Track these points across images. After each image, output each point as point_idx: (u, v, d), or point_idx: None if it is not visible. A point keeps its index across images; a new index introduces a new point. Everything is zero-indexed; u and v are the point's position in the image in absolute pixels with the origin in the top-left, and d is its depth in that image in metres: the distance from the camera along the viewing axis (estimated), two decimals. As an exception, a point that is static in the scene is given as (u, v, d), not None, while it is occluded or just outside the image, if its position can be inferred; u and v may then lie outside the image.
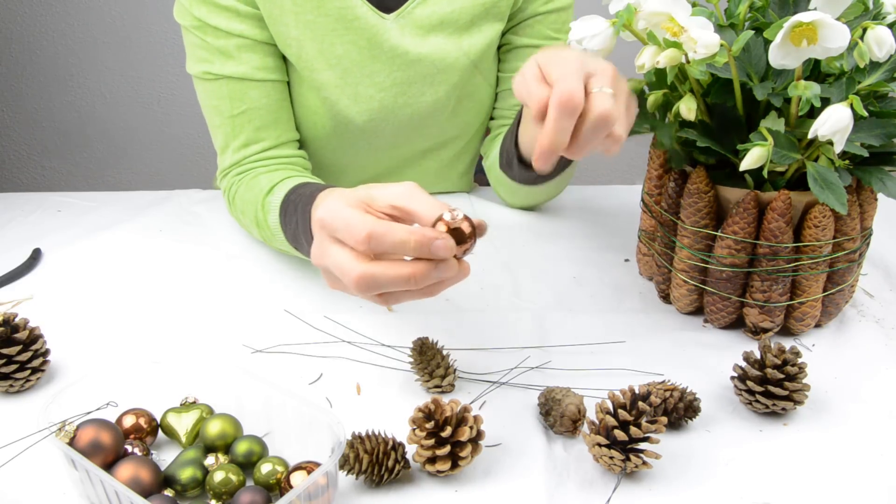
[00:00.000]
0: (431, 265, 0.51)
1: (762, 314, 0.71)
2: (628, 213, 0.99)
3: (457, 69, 0.94)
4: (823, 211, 0.66)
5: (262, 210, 0.82)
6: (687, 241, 0.72)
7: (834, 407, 0.65)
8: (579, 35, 0.65)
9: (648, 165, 0.79)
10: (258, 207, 0.83)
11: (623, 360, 0.70)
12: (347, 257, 0.52)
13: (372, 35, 0.89)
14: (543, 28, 0.95)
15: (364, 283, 0.51)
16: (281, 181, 0.82)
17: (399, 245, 0.50)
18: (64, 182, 2.23)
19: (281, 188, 0.80)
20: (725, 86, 0.67)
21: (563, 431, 0.60)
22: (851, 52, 0.60)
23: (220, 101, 0.89)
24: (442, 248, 0.50)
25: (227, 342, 0.73)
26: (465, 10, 0.91)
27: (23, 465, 0.58)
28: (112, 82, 2.12)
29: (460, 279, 0.53)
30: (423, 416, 0.56)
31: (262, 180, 0.85)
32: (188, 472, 0.55)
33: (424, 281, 0.51)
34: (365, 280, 0.51)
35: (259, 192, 0.83)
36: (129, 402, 0.61)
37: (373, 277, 0.51)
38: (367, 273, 0.51)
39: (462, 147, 1.07)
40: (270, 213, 0.80)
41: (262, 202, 0.82)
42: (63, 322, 0.76)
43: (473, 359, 0.71)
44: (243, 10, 0.86)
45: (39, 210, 1.05)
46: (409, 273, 0.50)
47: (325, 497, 0.52)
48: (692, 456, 0.59)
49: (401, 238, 0.50)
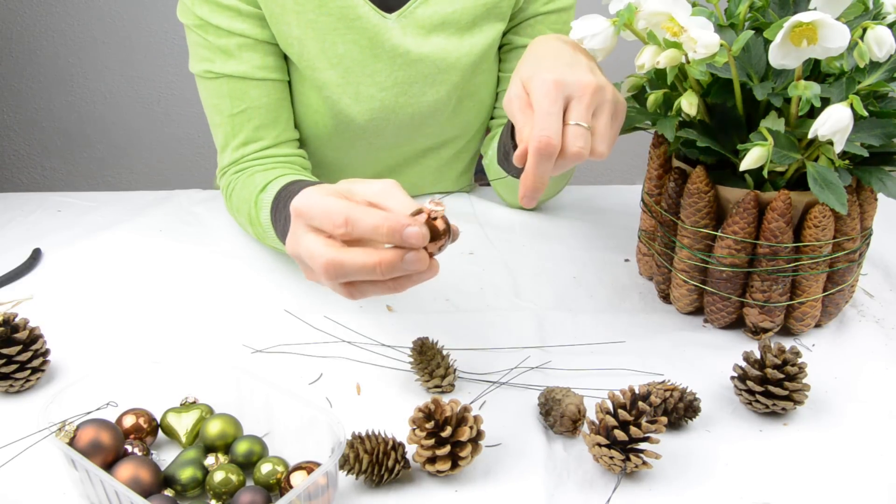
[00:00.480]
0: (399, 255, 0.51)
1: (762, 314, 0.71)
2: (628, 213, 0.99)
3: (458, 69, 0.94)
4: (823, 211, 0.66)
5: (255, 207, 0.82)
6: (687, 241, 0.72)
7: (834, 407, 0.65)
8: (580, 34, 0.65)
9: (648, 165, 0.79)
10: (251, 205, 0.83)
11: (623, 360, 0.70)
12: (319, 243, 0.53)
13: (373, 35, 0.89)
14: (544, 28, 0.95)
15: (332, 269, 0.52)
16: (275, 179, 0.83)
17: (373, 229, 0.50)
18: (64, 182, 2.23)
19: (274, 186, 0.81)
20: (725, 86, 0.67)
21: (563, 431, 0.60)
22: (851, 52, 0.60)
23: (220, 100, 0.89)
24: (414, 235, 0.50)
25: (227, 342, 0.73)
26: (466, 10, 0.91)
27: (23, 465, 0.58)
28: (112, 82, 2.12)
29: (428, 277, 0.53)
30: (423, 416, 0.56)
31: (258, 178, 0.85)
32: (188, 472, 0.55)
33: (391, 271, 0.51)
34: (333, 266, 0.51)
35: (253, 190, 0.84)
36: (129, 402, 0.61)
37: (341, 264, 0.51)
38: (335, 259, 0.51)
39: (462, 146, 1.07)
40: (262, 211, 0.81)
41: (255, 199, 0.83)
42: (63, 322, 0.76)
43: (473, 359, 0.71)
44: (245, 9, 0.86)
45: (39, 210, 1.05)
46: (376, 261, 0.51)
47: (325, 497, 0.52)
48: (692, 456, 0.59)
49: (375, 222, 0.50)
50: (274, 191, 0.79)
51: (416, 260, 0.51)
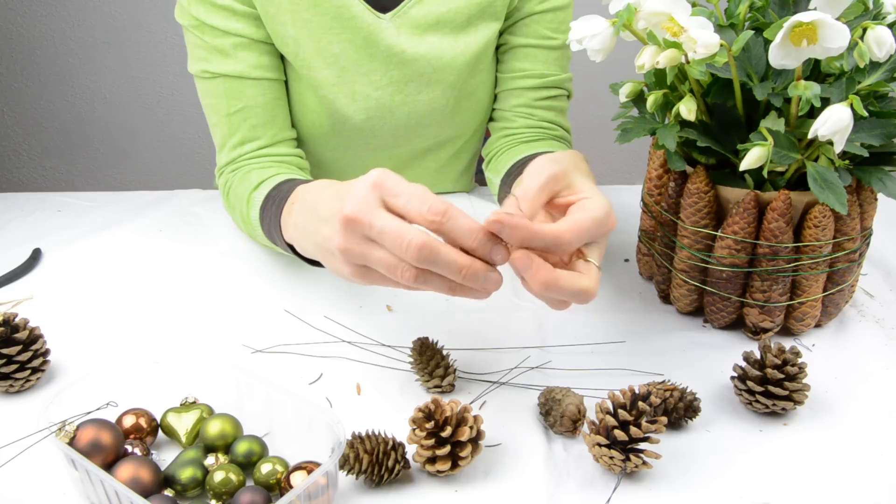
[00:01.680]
0: (487, 269, 0.52)
1: (762, 314, 0.71)
2: (628, 213, 0.99)
3: (453, 69, 0.94)
4: (823, 211, 0.66)
5: (247, 206, 0.83)
6: (687, 241, 0.72)
7: (834, 407, 0.65)
8: (579, 35, 0.65)
9: (648, 165, 0.79)
10: (244, 203, 0.84)
11: (623, 360, 0.70)
12: (403, 224, 0.52)
13: (368, 34, 0.89)
14: (541, 28, 0.95)
15: (425, 252, 0.51)
16: (269, 178, 0.83)
17: (468, 231, 0.52)
18: (64, 182, 2.23)
19: (267, 184, 0.81)
20: (725, 86, 0.67)
21: (563, 431, 0.60)
22: (851, 52, 0.60)
23: (217, 100, 0.89)
24: (501, 253, 0.52)
25: (227, 342, 0.73)
26: (461, 9, 0.91)
27: (23, 465, 0.58)
28: (112, 82, 2.12)
29: (482, 297, 0.55)
30: (423, 416, 0.56)
31: (253, 176, 0.85)
32: (188, 472, 0.55)
33: (472, 279, 0.52)
34: (429, 249, 0.51)
35: (247, 188, 0.84)
36: (129, 402, 0.61)
37: (436, 251, 0.51)
38: (431, 244, 0.51)
39: (461, 146, 1.07)
40: (253, 209, 0.81)
41: (247, 198, 0.83)
42: (63, 322, 0.76)
43: (473, 359, 0.71)
44: (240, 9, 0.86)
45: (39, 210, 1.05)
46: (467, 264, 0.52)
47: (325, 497, 0.52)
48: (692, 456, 0.59)
49: (472, 225, 0.52)
50: (266, 190, 0.80)
51: (496, 281, 0.53)
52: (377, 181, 0.54)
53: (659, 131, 0.68)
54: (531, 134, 0.98)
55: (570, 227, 0.53)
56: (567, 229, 0.53)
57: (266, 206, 0.77)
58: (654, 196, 0.78)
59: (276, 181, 0.80)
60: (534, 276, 0.52)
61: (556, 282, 0.52)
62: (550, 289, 0.53)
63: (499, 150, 1.00)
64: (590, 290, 0.54)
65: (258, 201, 0.80)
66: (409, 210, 0.52)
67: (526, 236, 0.52)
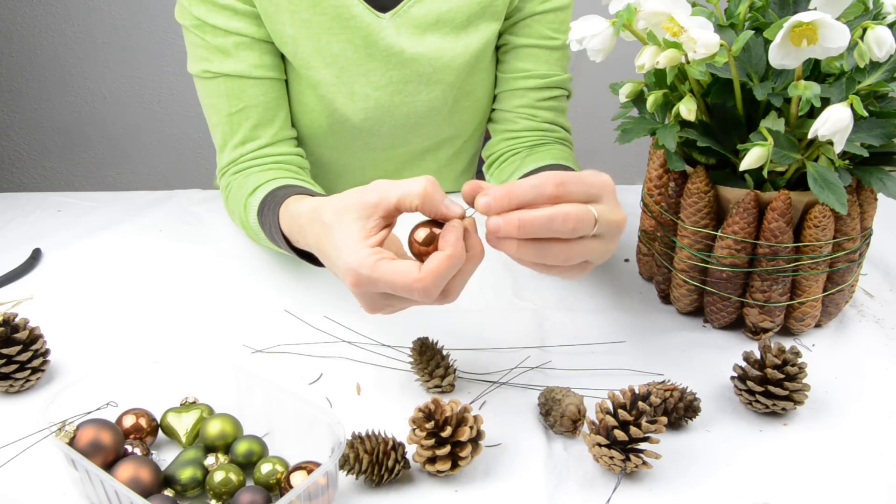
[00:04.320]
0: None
1: (762, 314, 0.71)
2: (628, 214, 0.99)
3: (453, 68, 0.94)
4: (823, 211, 0.66)
5: (245, 210, 0.83)
6: (687, 241, 0.72)
7: (834, 407, 0.65)
8: (579, 35, 0.65)
9: (648, 165, 0.79)
10: (242, 207, 0.84)
11: (623, 360, 0.70)
12: (404, 277, 0.53)
13: (367, 34, 0.89)
14: (541, 28, 0.95)
15: (432, 280, 0.53)
16: (266, 182, 0.83)
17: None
18: (64, 182, 2.23)
19: (264, 189, 0.81)
20: (725, 86, 0.67)
21: (563, 431, 0.60)
22: (851, 52, 0.60)
23: (218, 99, 0.89)
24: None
25: (227, 342, 0.73)
26: (460, 9, 0.91)
27: (23, 465, 0.58)
28: (112, 82, 2.12)
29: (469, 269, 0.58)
30: (423, 416, 0.56)
31: (252, 180, 0.85)
32: (188, 472, 0.55)
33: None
34: (431, 276, 0.53)
35: (245, 192, 0.84)
36: (129, 402, 0.61)
37: (437, 273, 0.53)
38: (435, 281, 0.53)
39: (460, 146, 1.06)
40: (251, 213, 0.81)
41: (245, 202, 0.83)
42: (63, 322, 0.76)
43: (473, 359, 0.71)
44: (241, 8, 0.86)
45: (39, 210, 1.05)
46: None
47: (325, 497, 0.52)
48: (692, 456, 0.59)
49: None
50: (262, 195, 0.80)
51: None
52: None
53: (659, 131, 0.68)
54: (534, 137, 0.98)
55: (551, 174, 0.54)
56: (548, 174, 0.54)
57: (264, 211, 0.77)
58: (654, 196, 0.78)
59: (272, 186, 0.80)
60: (508, 220, 0.54)
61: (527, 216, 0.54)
62: (525, 226, 0.54)
63: (501, 155, 1.00)
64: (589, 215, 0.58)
65: (255, 206, 0.80)
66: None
67: (505, 205, 0.54)
